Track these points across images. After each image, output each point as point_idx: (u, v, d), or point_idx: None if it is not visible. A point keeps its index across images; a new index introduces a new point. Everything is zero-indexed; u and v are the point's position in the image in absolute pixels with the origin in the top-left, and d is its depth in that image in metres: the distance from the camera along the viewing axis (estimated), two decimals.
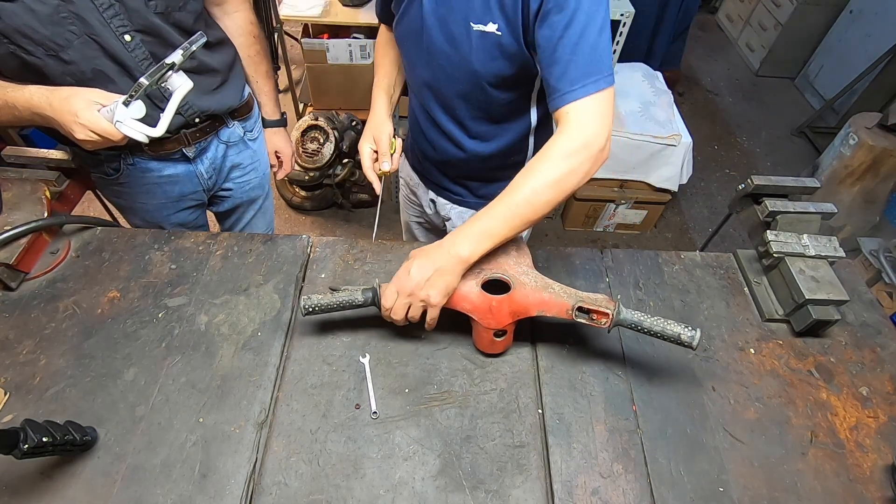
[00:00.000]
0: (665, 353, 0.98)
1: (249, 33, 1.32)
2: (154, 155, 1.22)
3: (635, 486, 0.81)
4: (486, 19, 0.89)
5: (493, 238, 0.85)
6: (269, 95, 1.46)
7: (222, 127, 1.32)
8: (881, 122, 2.57)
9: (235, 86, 1.30)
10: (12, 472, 0.77)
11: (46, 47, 0.95)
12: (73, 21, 0.95)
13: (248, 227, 1.63)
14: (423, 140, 1.24)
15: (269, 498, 0.78)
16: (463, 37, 0.93)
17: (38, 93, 0.92)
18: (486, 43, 0.92)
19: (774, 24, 3.93)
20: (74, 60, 0.98)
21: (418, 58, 1.04)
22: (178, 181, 1.31)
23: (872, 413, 0.92)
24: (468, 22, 0.91)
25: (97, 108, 0.90)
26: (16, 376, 0.88)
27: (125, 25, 1.00)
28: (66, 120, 0.90)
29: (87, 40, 0.98)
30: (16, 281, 1.00)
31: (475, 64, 0.95)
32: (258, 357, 0.93)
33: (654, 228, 2.96)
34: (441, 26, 0.95)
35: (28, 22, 0.91)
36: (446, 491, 0.80)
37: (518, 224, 0.85)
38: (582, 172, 0.83)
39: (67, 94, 0.91)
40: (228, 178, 1.43)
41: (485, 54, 0.94)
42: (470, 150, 1.16)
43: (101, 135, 0.91)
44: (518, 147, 1.18)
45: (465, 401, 0.90)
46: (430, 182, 1.35)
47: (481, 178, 1.26)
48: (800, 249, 1.03)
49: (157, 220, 1.37)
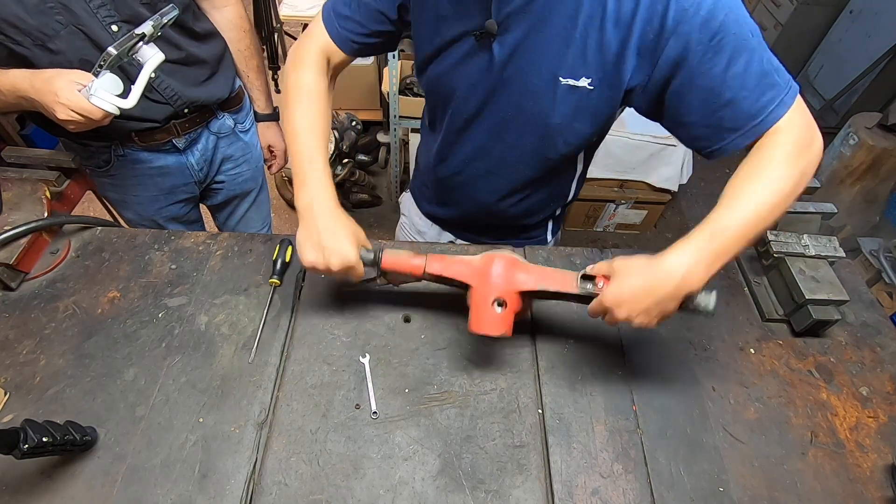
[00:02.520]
0: (665, 352, 0.98)
1: (240, 28, 1.33)
2: (144, 146, 1.23)
3: (635, 486, 0.81)
4: (578, 74, 0.81)
5: (725, 260, 0.72)
6: (261, 90, 1.46)
7: (212, 118, 1.33)
8: (881, 122, 2.57)
9: (225, 77, 1.30)
10: (12, 472, 0.77)
11: (34, 37, 0.96)
12: (60, 11, 0.96)
13: (243, 220, 1.63)
14: (447, 190, 1.14)
15: (269, 498, 0.78)
16: (547, 91, 0.84)
17: (21, 76, 0.93)
18: (572, 98, 0.84)
19: (774, 24, 3.92)
20: (61, 50, 0.99)
21: (469, 107, 0.93)
22: (169, 172, 1.31)
23: (872, 413, 0.92)
24: (555, 76, 0.82)
25: (77, 87, 0.91)
26: (16, 376, 0.88)
27: (112, 16, 1.01)
28: (47, 100, 0.90)
29: (73, 30, 0.98)
30: (16, 281, 1.00)
31: (555, 118, 0.87)
32: (258, 357, 0.93)
33: (654, 228, 2.96)
34: (519, 78, 0.85)
35: (15, 11, 0.92)
36: (446, 491, 0.79)
37: (750, 244, 0.73)
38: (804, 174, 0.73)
39: (49, 75, 0.92)
40: (220, 170, 1.44)
41: (568, 109, 0.85)
42: (514, 203, 1.10)
43: (80, 113, 0.91)
44: (561, 194, 1.14)
45: (465, 401, 0.90)
46: (449, 228, 1.29)
47: (514, 226, 1.20)
48: (800, 249, 1.03)
49: (149, 214, 1.37)
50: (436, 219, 1.30)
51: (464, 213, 1.20)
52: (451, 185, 1.12)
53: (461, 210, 1.19)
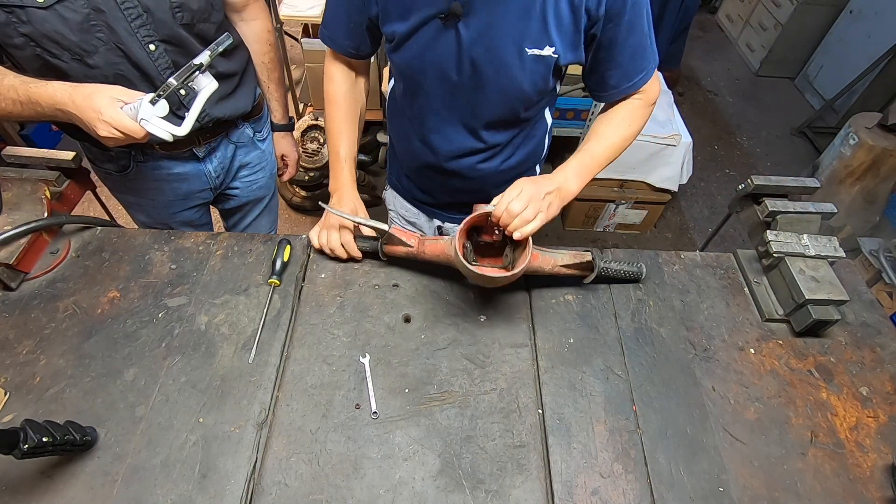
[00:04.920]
0: (665, 352, 0.98)
1: (266, 41, 1.33)
2: (165, 154, 1.23)
3: (635, 486, 0.81)
4: (542, 44, 0.89)
5: (591, 174, 0.99)
6: (280, 101, 1.47)
7: (233, 128, 1.33)
8: (881, 122, 2.57)
9: (248, 89, 1.31)
10: (12, 472, 0.77)
11: (73, 52, 0.97)
12: (102, 29, 0.96)
13: (254, 224, 1.63)
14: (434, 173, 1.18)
15: (269, 498, 0.78)
16: (514, 62, 0.91)
17: (61, 89, 0.92)
18: (539, 66, 0.92)
19: (774, 24, 3.93)
20: (98, 65, 1.00)
21: (443, 87, 0.99)
22: (186, 179, 1.31)
23: (872, 413, 0.92)
24: (522, 48, 0.89)
25: (120, 105, 0.90)
26: (16, 376, 0.88)
27: (151, 35, 1.02)
28: (89, 117, 0.90)
29: (112, 47, 0.99)
30: (16, 281, 1.00)
31: (526, 86, 0.95)
32: (258, 357, 0.93)
33: (654, 228, 2.96)
34: (487, 55, 0.91)
35: (58, 28, 0.93)
36: (446, 491, 0.79)
37: (606, 161, 1.00)
38: (647, 120, 1.04)
39: (90, 90, 0.91)
40: (236, 177, 1.44)
41: (537, 76, 0.94)
42: (496, 167, 1.14)
43: (124, 132, 0.90)
44: (538, 152, 1.19)
45: (465, 401, 0.90)
46: (435, 212, 1.33)
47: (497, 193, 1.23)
48: (800, 249, 1.03)
49: (163, 218, 1.38)
50: (421, 204, 1.33)
51: (447, 191, 1.24)
52: (431, 164, 1.16)
53: (444, 188, 1.23)
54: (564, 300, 1.05)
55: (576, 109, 2.50)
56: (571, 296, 1.06)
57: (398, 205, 1.39)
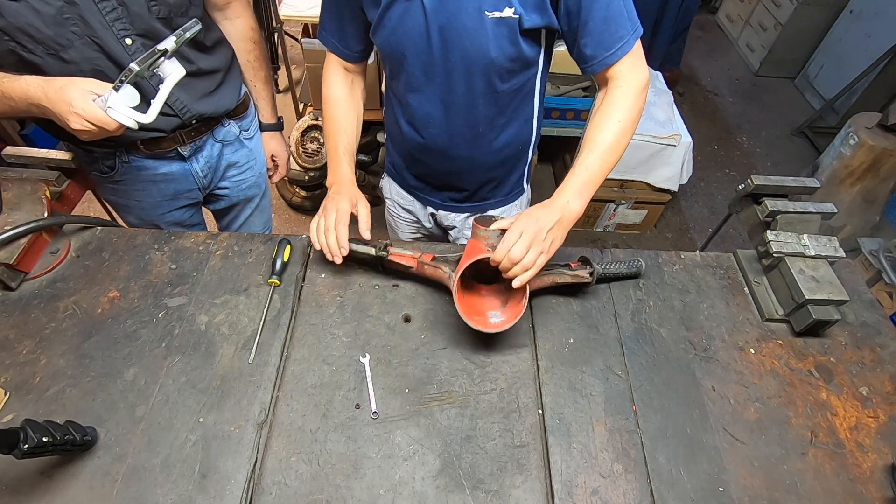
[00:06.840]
0: (665, 352, 0.98)
1: (250, 39, 1.32)
2: (149, 153, 1.22)
3: (635, 486, 0.81)
4: (501, 5, 0.89)
5: (594, 187, 0.94)
6: (267, 100, 1.46)
7: (217, 126, 1.32)
8: (881, 122, 2.57)
9: (232, 86, 1.30)
10: (12, 472, 0.77)
11: (47, 46, 0.95)
12: (76, 22, 0.95)
13: (246, 224, 1.63)
14: (423, 156, 1.20)
15: (269, 498, 0.78)
16: (477, 27, 0.92)
17: (34, 83, 0.92)
18: (502, 29, 0.92)
19: (774, 24, 3.92)
20: (74, 60, 0.99)
21: (420, 63, 1.00)
22: (173, 179, 1.31)
23: (872, 413, 0.92)
24: (482, 11, 0.90)
25: (92, 97, 0.90)
26: (16, 376, 0.88)
27: (127, 29, 1.01)
28: (61, 110, 0.89)
29: (88, 41, 0.98)
30: (16, 281, 1.00)
31: (492, 52, 0.95)
32: (258, 357, 0.93)
33: (654, 228, 2.96)
34: (451, 23, 0.92)
35: (31, 21, 0.91)
36: (446, 491, 0.79)
37: (608, 169, 0.94)
38: (641, 110, 0.97)
39: (63, 83, 0.91)
40: (225, 176, 1.43)
41: (503, 40, 0.93)
42: (484, 148, 1.14)
43: (95, 124, 0.90)
44: (527, 134, 1.18)
45: (465, 401, 0.90)
46: (428, 199, 1.33)
47: (488, 180, 1.25)
48: (800, 249, 1.03)
49: (152, 219, 1.37)
50: (415, 191, 1.34)
51: (438, 175, 1.25)
52: (420, 145, 1.16)
53: (434, 172, 1.24)
54: (564, 300, 1.05)
55: (576, 109, 2.50)
56: (571, 296, 1.06)
57: (394, 192, 1.41)
